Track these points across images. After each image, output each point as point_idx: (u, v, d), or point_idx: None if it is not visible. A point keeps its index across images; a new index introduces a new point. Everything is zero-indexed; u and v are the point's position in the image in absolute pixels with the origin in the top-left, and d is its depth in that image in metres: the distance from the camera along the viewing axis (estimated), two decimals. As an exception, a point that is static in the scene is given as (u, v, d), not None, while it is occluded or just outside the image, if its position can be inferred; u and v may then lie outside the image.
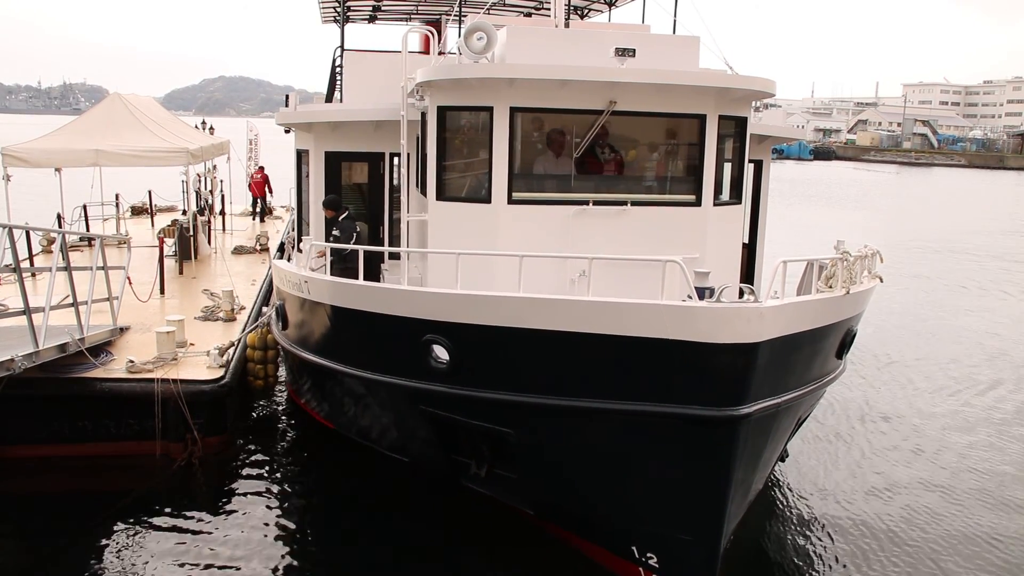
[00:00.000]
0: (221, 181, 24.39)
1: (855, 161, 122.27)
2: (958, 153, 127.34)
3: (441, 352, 7.64)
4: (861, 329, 8.94)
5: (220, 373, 10.72)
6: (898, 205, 56.98)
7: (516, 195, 9.43)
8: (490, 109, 9.20)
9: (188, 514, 9.21)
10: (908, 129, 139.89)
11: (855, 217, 46.99)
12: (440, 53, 11.65)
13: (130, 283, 13.46)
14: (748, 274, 12.69)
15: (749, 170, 12.70)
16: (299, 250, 12.67)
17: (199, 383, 10.46)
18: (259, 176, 26.66)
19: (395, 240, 11.93)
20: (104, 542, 8.62)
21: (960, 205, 58.25)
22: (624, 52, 9.01)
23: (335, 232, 10.79)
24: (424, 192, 10.20)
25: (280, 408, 12.92)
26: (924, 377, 15.70)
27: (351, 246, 9.70)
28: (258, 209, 26.88)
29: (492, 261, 8.59)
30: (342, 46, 14.49)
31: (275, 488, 10.04)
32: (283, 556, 8.51)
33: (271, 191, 27.02)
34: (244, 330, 12.42)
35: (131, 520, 9.03)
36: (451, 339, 7.50)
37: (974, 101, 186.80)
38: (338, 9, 14.83)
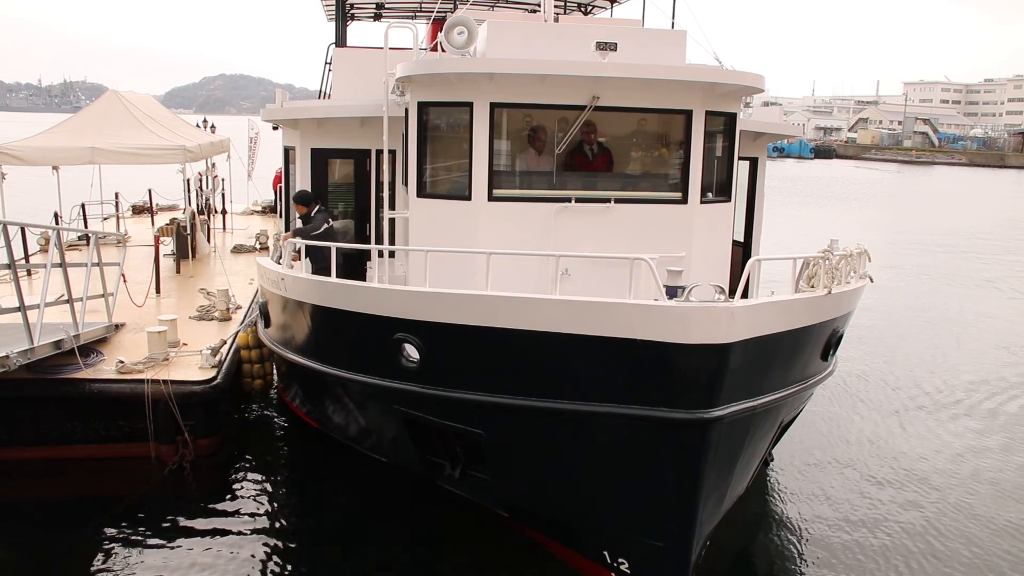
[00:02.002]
0: (223, 180, 24.40)
1: (856, 159, 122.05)
2: (959, 151, 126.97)
3: (412, 351, 7.54)
4: (858, 326, 8.82)
5: (212, 374, 10.62)
6: (901, 203, 56.85)
7: (497, 192, 9.34)
8: (470, 105, 9.12)
9: (177, 518, 9.13)
10: (909, 127, 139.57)
11: (858, 215, 46.81)
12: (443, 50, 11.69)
13: (124, 281, 13.46)
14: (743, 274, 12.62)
15: (744, 168, 12.68)
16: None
17: (190, 384, 10.36)
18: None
19: (382, 237, 11.90)
20: (91, 546, 8.56)
21: (963, 203, 58.14)
22: (605, 46, 8.93)
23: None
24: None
25: (274, 408, 12.88)
26: (926, 377, 15.59)
27: (325, 244, 9.46)
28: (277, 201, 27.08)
29: (472, 259, 8.48)
30: (336, 42, 14.48)
31: (266, 491, 9.99)
32: (270, 561, 8.47)
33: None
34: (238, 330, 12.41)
35: (119, 524, 8.97)
36: (421, 338, 7.40)
37: (975, 99, 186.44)
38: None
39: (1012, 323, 20.71)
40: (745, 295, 6.48)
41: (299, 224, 11.12)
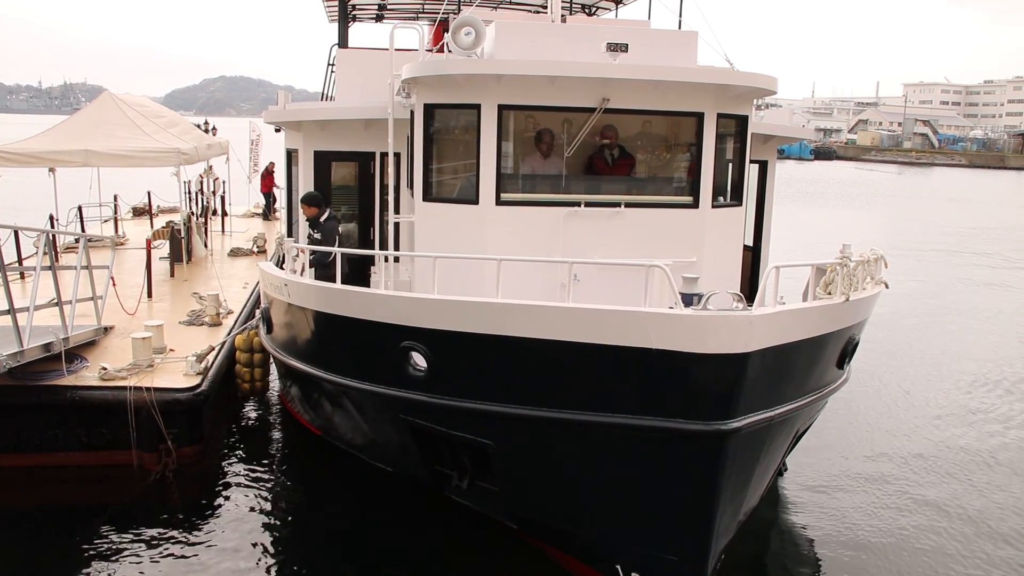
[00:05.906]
0: (223, 182, 24.07)
1: (856, 161, 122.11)
2: (959, 153, 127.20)
3: (419, 359, 7.37)
4: (872, 332, 8.58)
5: (196, 381, 10.38)
6: (905, 204, 56.70)
7: (505, 196, 9.13)
8: (477, 107, 8.90)
9: (158, 529, 8.83)
10: (909, 129, 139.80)
11: (863, 217, 46.68)
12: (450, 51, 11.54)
13: (114, 284, 13.22)
14: (752, 279, 12.41)
15: (753, 171, 12.47)
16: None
17: (173, 391, 10.11)
18: (272, 170, 26.49)
19: (386, 242, 11.69)
20: (71, 556, 8.28)
21: (967, 203, 58.04)
22: (616, 47, 8.71)
23: (315, 235, 10.36)
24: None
25: (264, 415, 12.58)
26: (938, 380, 15.34)
27: (331, 249, 9.31)
28: (267, 206, 26.84)
29: (479, 265, 8.25)
30: (340, 44, 14.27)
31: (252, 501, 9.67)
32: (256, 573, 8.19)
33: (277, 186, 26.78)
34: (229, 334, 12.13)
35: (100, 533, 8.69)
36: (429, 346, 7.23)
37: (975, 101, 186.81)
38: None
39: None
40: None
41: (305, 225, 10.80)
